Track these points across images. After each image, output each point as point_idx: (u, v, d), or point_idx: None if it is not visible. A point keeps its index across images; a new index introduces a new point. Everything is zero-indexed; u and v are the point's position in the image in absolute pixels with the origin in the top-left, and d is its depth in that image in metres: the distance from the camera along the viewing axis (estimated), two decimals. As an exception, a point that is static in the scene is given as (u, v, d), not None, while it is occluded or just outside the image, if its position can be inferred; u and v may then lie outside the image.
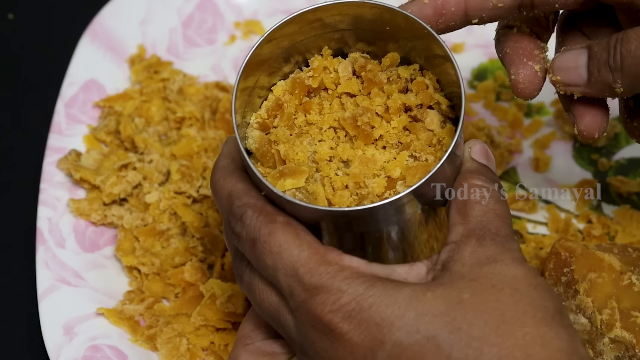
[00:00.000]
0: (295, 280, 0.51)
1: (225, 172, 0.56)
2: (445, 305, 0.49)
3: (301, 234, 0.53)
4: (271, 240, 0.52)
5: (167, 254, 0.72)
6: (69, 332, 0.68)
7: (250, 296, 0.56)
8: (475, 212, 0.54)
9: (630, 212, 0.74)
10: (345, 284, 0.51)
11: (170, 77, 0.81)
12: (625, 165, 0.77)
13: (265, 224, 0.53)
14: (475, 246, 0.52)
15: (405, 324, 0.49)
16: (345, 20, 0.58)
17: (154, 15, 0.84)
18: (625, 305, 0.62)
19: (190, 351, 0.68)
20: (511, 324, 0.49)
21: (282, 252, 0.52)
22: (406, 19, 0.56)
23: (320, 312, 0.50)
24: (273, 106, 0.58)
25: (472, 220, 0.53)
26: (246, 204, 0.54)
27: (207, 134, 0.77)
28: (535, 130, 0.79)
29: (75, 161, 0.75)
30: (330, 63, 0.58)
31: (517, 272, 0.51)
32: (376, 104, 0.57)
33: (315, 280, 0.51)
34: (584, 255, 0.64)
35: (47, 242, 0.72)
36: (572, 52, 0.57)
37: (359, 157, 0.56)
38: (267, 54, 0.58)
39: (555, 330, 0.49)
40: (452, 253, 0.53)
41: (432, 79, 0.58)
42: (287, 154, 0.56)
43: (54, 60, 0.85)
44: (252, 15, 0.85)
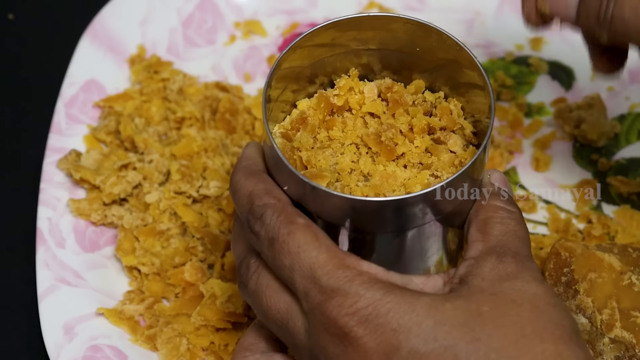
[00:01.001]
0: (312, 281, 0.51)
1: (247, 172, 0.56)
2: (464, 316, 0.49)
3: (321, 236, 0.52)
4: (290, 240, 0.52)
5: (167, 254, 0.72)
6: (69, 332, 0.68)
7: (255, 304, 0.55)
8: (496, 231, 0.54)
9: (630, 212, 0.74)
10: (363, 288, 0.50)
11: (170, 77, 0.81)
12: (625, 165, 0.77)
13: (285, 224, 0.52)
14: (496, 262, 0.52)
15: (423, 331, 0.49)
16: (375, 38, 0.58)
17: (154, 15, 0.84)
18: (625, 305, 0.62)
19: (190, 351, 0.68)
20: (530, 338, 0.49)
21: (301, 252, 0.52)
22: (439, 37, 0.57)
23: (335, 314, 0.50)
24: (297, 119, 0.58)
25: (492, 239, 0.53)
26: (267, 204, 0.54)
27: (207, 134, 0.77)
28: (535, 130, 0.79)
29: (75, 161, 0.75)
30: (356, 84, 0.59)
31: (537, 290, 0.51)
32: (400, 122, 0.57)
33: (332, 282, 0.50)
34: (584, 255, 0.64)
35: (47, 242, 0.72)
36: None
37: (379, 172, 0.56)
38: (294, 65, 0.58)
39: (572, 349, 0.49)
40: (471, 268, 0.52)
41: (457, 105, 0.58)
42: (309, 160, 0.56)
43: (54, 60, 0.85)
44: (252, 15, 0.85)
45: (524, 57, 0.83)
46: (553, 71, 0.82)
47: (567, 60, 0.83)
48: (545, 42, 0.84)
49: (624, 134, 0.79)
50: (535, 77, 0.82)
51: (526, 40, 0.84)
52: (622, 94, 0.81)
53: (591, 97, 0.79)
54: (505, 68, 0.83)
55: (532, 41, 0.84)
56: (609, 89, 0.81)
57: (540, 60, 0.83)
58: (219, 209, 0.74)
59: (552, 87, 0.82)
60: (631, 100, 0.81)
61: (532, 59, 0.83)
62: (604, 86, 0.81)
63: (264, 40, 0.85)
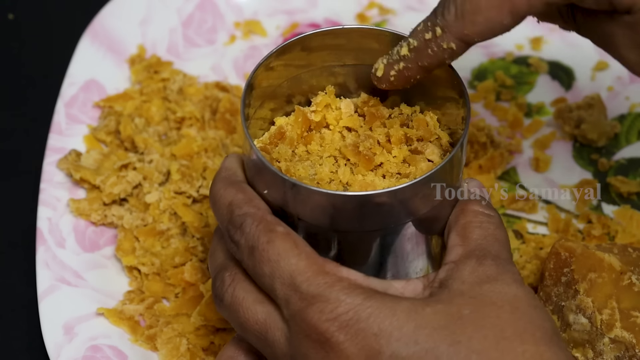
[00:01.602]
0: (292, 289, 0.51)
1: (227, 182, 0.56)
2: (445, 320, 0.49)
3: (300, 244, 0.53)
4: (269, 248, 0.52)
5: (167, 254, 0.72)
6: (69, 332, 0.68)
7: (232, 318, 0.55)
8: (475, 235, 0.54)
9: (630, 212, 0.74)
10: (344, 294, 0.50)
11: (170, 77, 0.81)
12: (625, 165, 0.77)
13: (265, 232, 0.53)
14: (475, 265, 0.52)
15: (403, 335, 0.49)
16: (350, 53, 0.59)
17: (154, 15, 0.84)
18: (625, 305, 0.62)
19: (190, 351, 0.68)
20: (511, 340, 0.49)
21: (280, 260, 0.52)
22: None
23: (316, 320, 0.50)
24: (275, 133, 0.59)
25: (471, 243, 0.54)
26: (246, 213, 0.54)
27: (207, 134, 0.77)
28: (535, 130, 0.79)
29: (75, 161, 0.75)
30: (333, 101, 0.60)
31: (517, 291, 0.51)
32: (378, 134, 0.58)
33: (312, 289, 0.51)
34: (584, 256, 0.64)
35: (47, 242, 0.72)
36: None
37: (359, 181, 0.57)
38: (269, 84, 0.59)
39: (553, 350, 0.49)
40: (451, 272, 0.53)
41: (433, 117, 0.59)
42: (288, 169, 0.56)
43: (54, 60, 0.85)
44: (252, 15, 0.85)
45: (524, 57, 0.83)
46: (553, 71, 0.82)
47: (567, 60, 0.83)
48: (546, 42, 0.84)
49: (624, 134, 0.79)
50: (535, 77, 0.82)
51: (526, 40, 0.84)
52: (622, 94, 0.81)
53: (591, 97, 0.79)
54: (505, 68, 0.83)
55: (532, 41, 0.84)
56: (609, 89, 0.81)
57: (540, 60, 0.83)
58: (219, 209, 0.74)
59: (552, 87, 0.82)
60: (631, 100, 0.81)
61: (532, 59, 0.83)
62: (604, 86, 0.81)
63: (264, 40, 0.85)
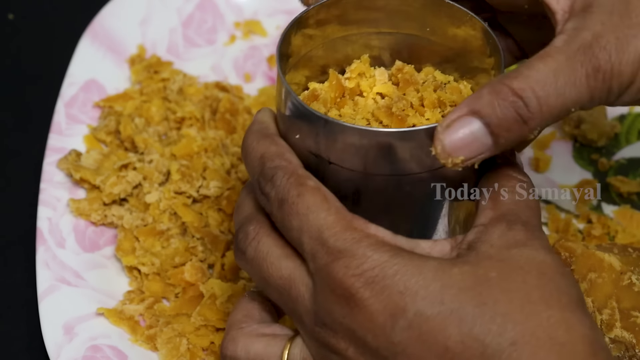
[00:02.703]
0: (320, 243, 0.51)
1: (259, 135, 0.56)
2: (471, 281, 0.49)
3: (330, 198, 0.52)
4: (299, 201, 0.52)
5: (167, 254, 0.72)
6: (69, 332, 0.68)
7: (254, 272, 0.55)
8: (507, 200, 0.53)
9: (630, 212, 0.74)
10: (371, 250, 0.50)
11: (170, 77, 0.81)
12: (625, 165, 0.77)
13: (295, 185, 0.52)
14: (505, 230, 0.51)
15: (429, 294, 0.48)
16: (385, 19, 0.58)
17: (154, 15, 0.84)
18: (625, 305, 0.62)
19: (191, 351, 0.68)
20: (537, 304, 0.48)
21: (310, 214, 0.51)
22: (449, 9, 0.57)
23: (342, 275, 0.50)
24: (309, 96, 0.58)
25: (502, 207, 0.53)
26: (278, 166, 0.53)
27: (207, 134, 0.77)
28: (535, 130, 0.79)
29: (75, 161, 0.75)
30: (367, 70, 0.59)
31: (545, 257, 0.50)
32: (412, 96, 0.57)
33: (339, 244, 0.50)
34: (584, 255, 0.64)
35: (47, 242, 0.72)
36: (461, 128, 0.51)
37: None
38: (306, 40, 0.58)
39: (578, 316, 0.49)
40: (479, 234, 0.52)
41: (466, 86, 0.58)
42: None
43: (54, 61, 0.85)
44: (252, 15, 0.85)
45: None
46: (553, 71, 0.82)
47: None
48: (545, 42, 0.84)
49: (624, 134, 0.79)
50: (535, 77, 0.82)
51: (526, 40, 0.84)
52: (622, 94, 0.81)
53: (591, 97, 0.79)
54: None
55: (532, 41, 0.84)
56: (609, 89, 0.81)
57: (540, 60, 0.82)
58: (219, 209, 0.74)
59: (552, 87, 0.82)
60: (631, 100, 0.81)
61: (532, 59, 0.83)
62: (604, 86, 0.81)
63: (264, 40, 0.85)
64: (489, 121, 0.50)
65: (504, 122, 0.50)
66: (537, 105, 0.50)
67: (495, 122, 0.50)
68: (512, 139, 0.51)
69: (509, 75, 0.51)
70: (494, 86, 0.50)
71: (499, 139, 0.51)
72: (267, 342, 0.55)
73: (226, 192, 0.74)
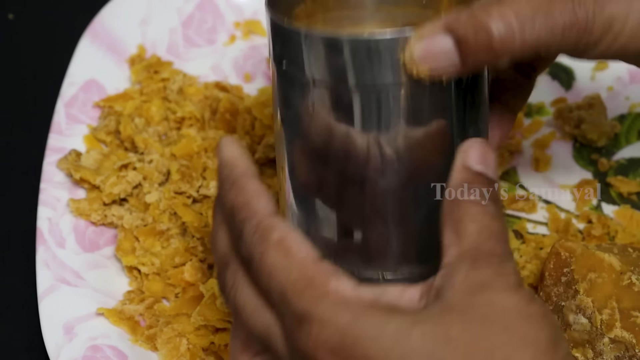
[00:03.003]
0: (284, 305, 0.50)
1: (227, 184, 0.54)
2: (432, 344, 0.47)
3: (293, 250, 0.50)
4: (263, 261, 0.50)
5: (167, 254, 0.72)
6: (69, 332, 0.68)
7: (236, 317, 0.54)
8: (469, 231, 0.50)
9: (630, 212, 0.74)
10: (329, 313, 0.48)
11: (170, 77, 0.81)
12: (626, 165, 0.77)
13: (259, 242, 0.51)
14: (469, 270, 0.49)
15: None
16: None
17: (153, 15, 0.84)
18: (625, 305, 0.62)
19: (190, 351, 0.68)
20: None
21: (273, 274, 0.50)
22: None
23: (304, 345, 0.48)
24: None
25: (466, 241, 0.50)
26: (244, 219, 0.52)
27: (207, 134, 0.77)
28: (535, 130, 0.79)
29: (75, 161, 0.75)
30: None
31: (508, 301, 0.48)
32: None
33: (300, 306, 0.49)
34: (584, 256, 0.64)
35: (47, 242, 0.72)
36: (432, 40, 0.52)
37: None
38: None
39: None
40: (444, 278, 0.50)
41: None
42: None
43: (54, 60, 0.85)
44: (252, 15, 0.85)
45: (524, 57, 0.83)
46: (553, 71, 0.82)
47: (567, 60, 0.83)
48: (545, 42, 0.84)
49: (624, 134, 0.79)
50: (535, 77, 0.82)
51: (526, 40, 0.84)
52: (622, 94, 0.81)
53: (591, 97, 0.79)
54: (505, 68, 0.82)
55: (532, 41, 0.84)
56: (609, 89, 0.81)
57: (540, 60, 0.82)
58: (219, 209, 0.74)
59: (552, 87, 0.82)
60: (631, 100, 0.81)
61: (532, 59, 0.83)
62: (604, 86, 0.81)
63: (264, 40, 0.85)
64: (460, 41, 0.52)
65: (473, 46, 0.52)
66: (509, 39, 0.52)
67: (465, 44, 0.52)
68: (478, 64, 0.53)
69: (491, 3, 0.52)
70: (474, 10, 0.52)
71: (467, 60, 0.52)
72: None
73: (226, 192, 0.74)
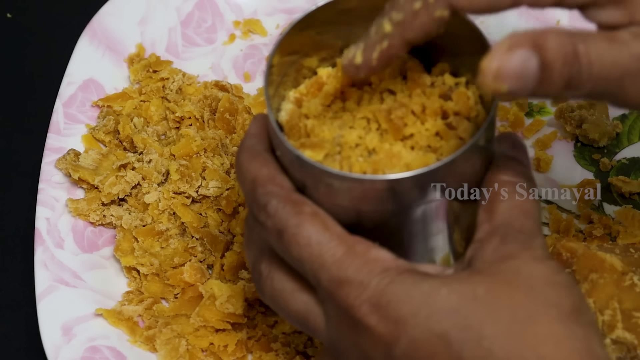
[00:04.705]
0: (323, 272, 0.51)
1: (250, 154, 0.55)
2: (457, 301, 0.49)
3: (329, 224, 0.52)
4: (298, 232, 0.52)
5: (166, 255, 0.72)
6: (68, 333, 0.68)
7: (275, 307, 0.55)
8: (501, 209, 0.53)
9: (632, 212, 0.74)
10: (368, 277, 0.50)
11: (169, 77, 0.81)
12: (627, 165, 0.77)
13: (293, 215, 0.52)
14: (498, 244, 0.51)
15: (418, 322, 0.49)
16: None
17: (152, 14, 0.84)
18: (627, 306, 0.62)
19: (190, 352, 0.68)
20: (523, 323, 0.48)
21: (310, 244, 0.51)
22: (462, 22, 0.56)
23: (348, 303, 0.50)
24: (313, 83, 0.58)
25: (497, 218, 0.53)
26: (270, 192, 0.53)
27: (207, 134, 0.77)
28: (537, 130, 0.79)
29: (73, 161, 0.75)
30: None
31: (534, 269, 0.50)
32: (414, 103, 0.56)
33: (341, 273, 0.51)
34: (586, 256, 0.64)
35: (46, 243, 0.72)
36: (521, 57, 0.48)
37: (385, 149, 0.55)
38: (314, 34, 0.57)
39: (569, 328, 0.48)
40: (475, 251, 0.52)
41: (475, 93, 0.57)
42: (313, 128, 0.55)
43: (52, 60, 0.85)
44: (251, 15, 0.85)
45: (524, 57, 0.83)
46: (554, 70, 0.82)
47: (568, 59, 0.82)
48: (546, 41, 0.83)
49: (626, 134, 0.79)
50: (536, 77, 0.82)
51: (527, 39, 0.84)
52: (624, 93, 0.81)
53: (592, 97, 0.79)
54: (506, 67, 0.82)
55: (533, 40, 0.83)
56: (611, 89, 0.81)
57: (541, 60, 0.82)
58: (219, 209, 0.74)
59: (553, 87, 0.82)
60: (633, 99, 0.80)
61: (533, 59, 0.82)
62: (606, 86, 0.81)
63: (263, 39, 0.85)
64: (546, 65, 0.48)
65: (555, 74, 0.48)
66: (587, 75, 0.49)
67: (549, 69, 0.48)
68: (551, 92, 0.49)
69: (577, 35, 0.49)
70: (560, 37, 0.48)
71: (542, 86, 0.49)
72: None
73: (225, 192, 0.74)
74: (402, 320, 0.49)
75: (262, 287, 0.55)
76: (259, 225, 0.54)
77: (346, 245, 0.51)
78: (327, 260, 0.51)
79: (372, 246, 0.52)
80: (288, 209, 0.52)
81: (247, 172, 0.55)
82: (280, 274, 0.55)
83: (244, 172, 0.55)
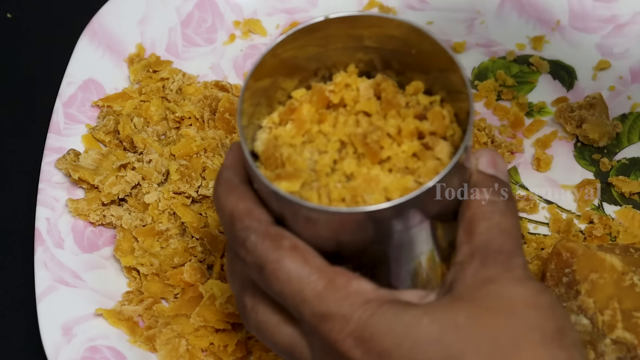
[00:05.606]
0: (305, 306, 0.51)
1: (227, 187, 0.55)
2: (439, 331, 0.49)
3: (309, 257, 0.52)
4: (279, 267, 0.52)
5: (166, 255, 0.72)
6: (68, 333, 0.68)
7: (261, 339, 0.55)
8: (480, 229, 0.52)
9: (632, 212, 0.74)
10: (350, 311, 0.50)
11: (169, 77, 0.81)
12: (627, 165, 0.77)
13: (272, 249, 0.52)
14: (478, 266, 0.51)
15: (402, 353, 0.49)
16: (372, 37, 0.58)
17: (153, 14, 0.84)
18: (626, 306, 0.62)
19: (190, 352, 0.68)
20: (505, 349, 0.48)
21: (291, 278, 0.51)
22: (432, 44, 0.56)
23: (332, 337, 0.50)
24: (286, 111, 0.57)
25: (476, 239, 0.52)
26: (249, 227, 0.53)
27: (207, 134, 0.77)
28: (537, 130, 0.79)
29: (73, 161, 0.75)
30: (353, 81, 0.58)
31: (514, 292, 0.50)
32: (390, 125, 0.56)
33: (322, 307, 0.51)
34: (586, 256, 0.64)
35: (46, 243, 0.72)
36: None
37: (362, 174, 0.55)
38: (288, 58, 0.57)
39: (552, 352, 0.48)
40: (456, 274, 0.52)
41: (450, 111, 0.57)
42: (289, 157, 0.55)
43: (52, 60, 0.85)
44: (251, 14, 0.85)
45: (525, 57, 0.83)
46: (554, 70, 0.82)
47: (569, 59, 0.82)
48: (547, 41, 0.83)
49: (626, 134, 0.79)
50: (537, 77, 0.82)
51: (527, 39, 0.84)
52: (624, 93, 0.81)
53: (593, 97, 0.79)
54: (506, 67, 0.82)
55: (533, 40, 0.83)
56: (611, 89, 0.81)
57: (541, 60, 0.82)
58: (219, 209, 0.74)
59: (553, 87, 0.82)
60: (633, 99, 0.80)
61: (533, 58, 0.82)
62: (606, 86, 0.81)
63: (263, 39, 0.85)
64: None
65: None
66: None
67: None
68: None
69: None
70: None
71: None
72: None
73: (225, 192, 0.74)
74: (386, 352, 0.49)
75: (247, 319, 0.55)
76: (239, 261, 0.54)
77: (327, 278, 0.51)
78: (308, 295, 0.51)
79: (353, 277, 0.51)
80: (267, 244, 0.52)
81: (225, 206, 0.54)
82: (265, 307, 0.54)
83: (222, 207, 0.54)
